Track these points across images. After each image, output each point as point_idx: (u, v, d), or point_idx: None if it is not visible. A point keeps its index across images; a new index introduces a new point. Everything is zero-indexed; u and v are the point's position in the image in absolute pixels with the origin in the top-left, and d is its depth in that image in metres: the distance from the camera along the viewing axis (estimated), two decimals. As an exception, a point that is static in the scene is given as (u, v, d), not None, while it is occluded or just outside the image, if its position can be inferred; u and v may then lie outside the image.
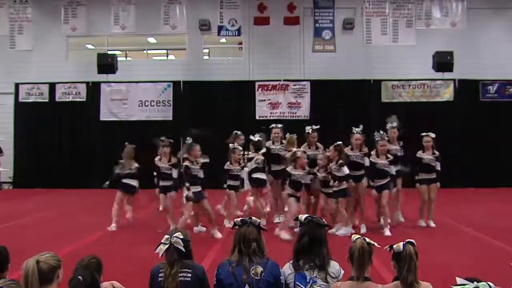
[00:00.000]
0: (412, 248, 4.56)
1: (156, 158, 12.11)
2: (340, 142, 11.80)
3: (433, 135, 12.71)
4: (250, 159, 12.94)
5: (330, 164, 11.55)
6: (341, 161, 11.53)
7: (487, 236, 10.90)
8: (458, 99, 22.72)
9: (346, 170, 11.45)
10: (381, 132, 11.89)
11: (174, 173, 11.90)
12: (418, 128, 21.74)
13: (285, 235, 10.65)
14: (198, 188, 11.63)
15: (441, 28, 23.51)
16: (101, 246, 10.17)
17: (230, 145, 12.87)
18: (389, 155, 11.68)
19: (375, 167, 11.62)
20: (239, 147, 12.83)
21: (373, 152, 11.85)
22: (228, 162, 12.54)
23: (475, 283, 3.84)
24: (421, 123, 21.94)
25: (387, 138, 11.95)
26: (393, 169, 11.72)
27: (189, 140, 11.84)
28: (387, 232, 11.22)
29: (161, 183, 12.10)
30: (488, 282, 3.86)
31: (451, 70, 21.45)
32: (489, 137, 21.49)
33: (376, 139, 11.73)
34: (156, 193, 12.54)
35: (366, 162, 11.70)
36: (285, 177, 12.19)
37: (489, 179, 21.08)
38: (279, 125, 13.56)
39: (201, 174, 11.74)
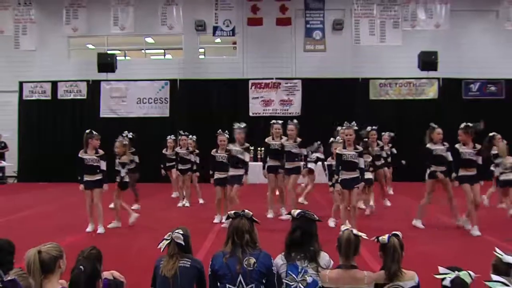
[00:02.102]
0: (397, 240, 4.58)
1: (81, 151, 11.08)
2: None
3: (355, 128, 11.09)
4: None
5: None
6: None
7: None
8: (442, 97, 22.83)
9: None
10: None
11: (102, 165, 11.07)
12: (405, 125, 22.12)
13: None
14: (223, 175, 11.95)
15: (426, 29, 23.59)
16: (101, 238, 10.16)
17: None
18: (358, 146, 10.45)
19: (342, 159, 10.23)
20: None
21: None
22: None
23: (456, 272, 3.87)
24: (408, 120, 22.22)
25: (356, 128, 10.62)
26: (362, 162, 10.33)
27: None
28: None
29: (86, 178, 11.01)
30: (469, 271, 3.89)
31: (435, 69, 21.56)
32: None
33: (343, 128, 10.66)
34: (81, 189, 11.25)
35: (361, 163, 10.36)
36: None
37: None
38: (280, 121, 13.16)
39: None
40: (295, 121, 13.10)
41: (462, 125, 11.00)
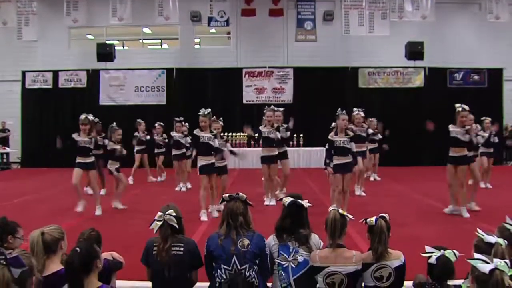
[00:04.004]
0: (384, 222, 4.60)
1: (74, 134, 11.23)
2: None
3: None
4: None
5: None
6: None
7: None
8: (428, 85, 22.87)
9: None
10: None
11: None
12: (392, 112, 22.15)
13: None
14: (210, 160, 10.59)
15: (412, 20, 23.53)
16: (100, 220, 10.17)
17: None
18: (349, 132, 10.36)
19: (334, 145, 10.06)
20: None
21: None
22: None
23: (442, 251, 3.92)
24: (395, 107, 22.28)
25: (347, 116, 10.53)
26: (353, 146, 10.18)
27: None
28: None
29: (78, 159, 11.17)
30: (453, 250, 3.93)
31: (421, 58, 21.62)
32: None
33: (337, 114, 10.28)
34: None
35: (353, 147, 10.22)
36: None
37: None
38: (277, 109, 12.46)
39: (215, 143, 10.59)
40: (272, 106, 12.60)
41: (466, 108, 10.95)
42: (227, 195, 4.99)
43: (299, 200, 5.07)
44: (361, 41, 23.58)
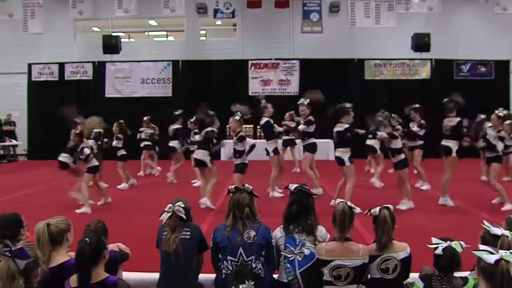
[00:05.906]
0: (388, 212, 4.61)
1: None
2: None
3: None
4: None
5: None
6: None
7: (464, 203, 10.91)
8: (434, 77, 22.82)
9: None
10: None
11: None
12: (398, 104, 22.08)
13: None
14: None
15: (419, 12, 23.37)
16: (106, 212, 10.19)
17: None
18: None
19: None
20: None
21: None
22: None
23: (448, 242, 3.92)
24: (401, 99, 22.19)
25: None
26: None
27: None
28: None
29: None
30: (460, 241, 3.93)
31: (428, 50, 21.49)
32: (462, 112, 21.51)
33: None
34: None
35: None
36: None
37: (461, 150, 21.17)
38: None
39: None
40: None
41: None
42: (233, 186, 5.00)
43: (305, 186, 5.11)
44: (367, 32, 23.45)
